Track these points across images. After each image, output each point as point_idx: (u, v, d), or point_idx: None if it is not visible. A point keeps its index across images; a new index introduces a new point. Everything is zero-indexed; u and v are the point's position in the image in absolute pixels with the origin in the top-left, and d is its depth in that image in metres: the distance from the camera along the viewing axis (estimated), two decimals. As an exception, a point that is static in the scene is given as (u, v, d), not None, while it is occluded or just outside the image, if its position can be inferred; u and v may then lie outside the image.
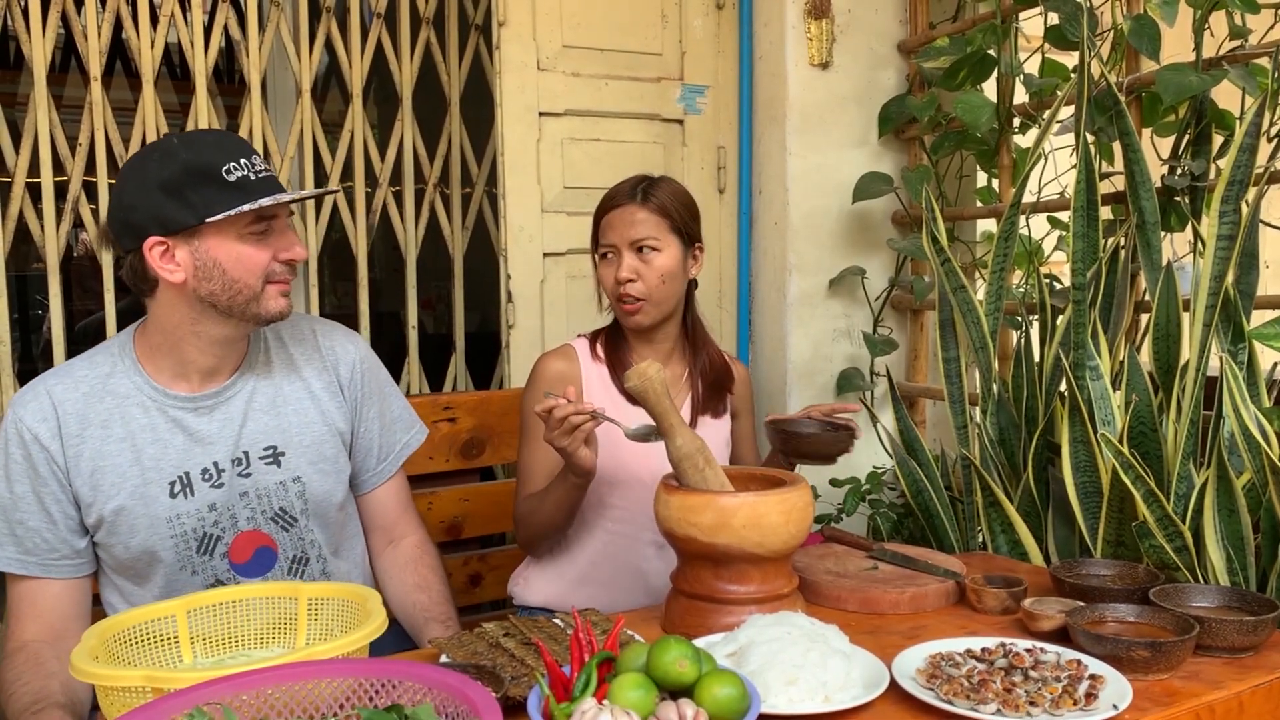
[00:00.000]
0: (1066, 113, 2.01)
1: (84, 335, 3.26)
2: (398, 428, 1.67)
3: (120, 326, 2.11)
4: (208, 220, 1.34)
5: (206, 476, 1.45)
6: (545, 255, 2.45)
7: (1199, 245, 1.83)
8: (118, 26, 2.10)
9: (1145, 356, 1.82)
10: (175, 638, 1.28)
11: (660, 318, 1.75)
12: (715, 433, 1.83)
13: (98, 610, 1.51)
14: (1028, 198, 2.14)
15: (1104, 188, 1.94)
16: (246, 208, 1.34)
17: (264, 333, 1.55)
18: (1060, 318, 1.89)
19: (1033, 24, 2.24)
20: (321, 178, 2.30)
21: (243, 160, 1.37)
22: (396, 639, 1.58)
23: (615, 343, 1.80)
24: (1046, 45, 2.15)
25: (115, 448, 1.42)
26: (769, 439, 1.76)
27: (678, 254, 1.74)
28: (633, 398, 1.49)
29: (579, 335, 1.85)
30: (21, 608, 1.41)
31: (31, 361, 4.10)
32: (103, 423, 1.42)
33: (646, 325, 1.75)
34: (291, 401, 1.53)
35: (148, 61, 2.12)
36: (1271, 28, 1.87)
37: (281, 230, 1.43)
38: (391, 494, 1.67)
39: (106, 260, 2.12)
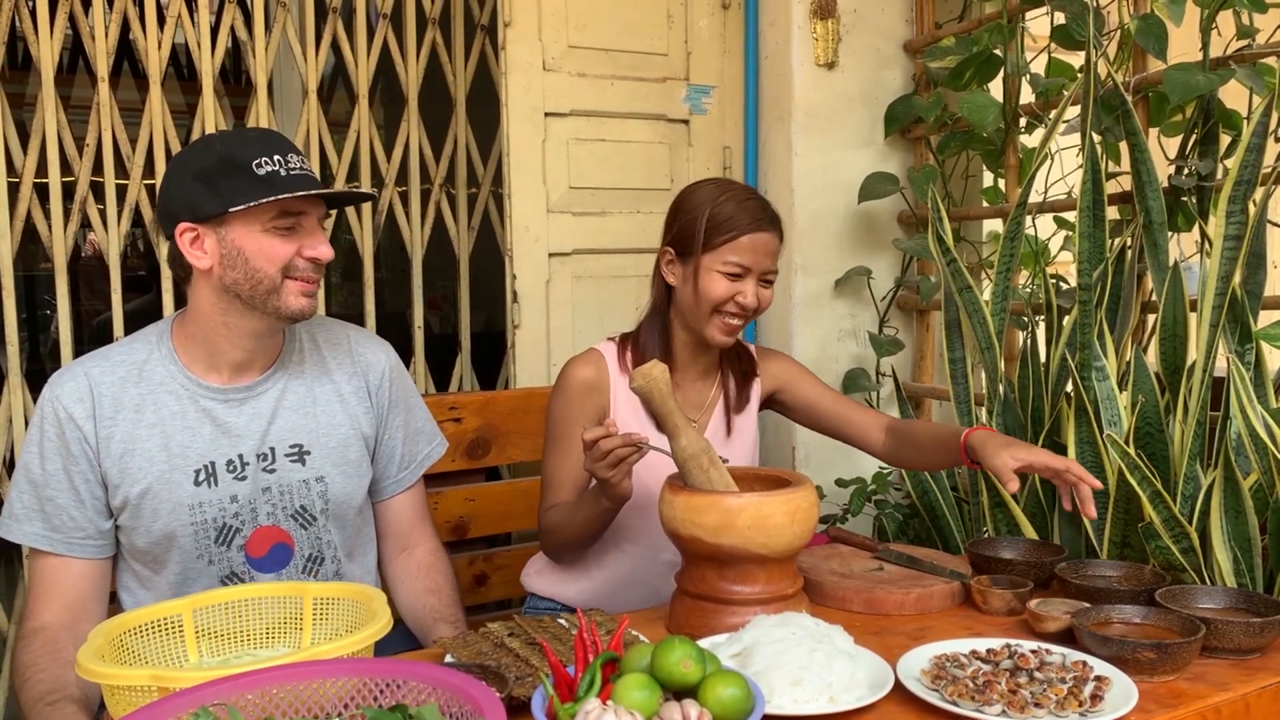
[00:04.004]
0: (1073, 112, 2.01)
1: (98, 335, 3.27)
2: (420, 439, 1.69)
3: (128, 328, 2.13)
4: (232, 209, 1.37)
5: (231, 468, 1.48)
6: (551, 255, 2.45)
7: (1206, 245, 1.83)
8: (125, 27, 2.10)
9: (1152, 357, 1.81)
10: (181, 636, 1.28)
11: None
12: (745, 424, 1.80)
13: (113, 603, 1.53)
14: (1034, 198, 2.14)
15: (1110, 188, 1.94)
16: (268, 200, 1.37)
17: (300, 333, 1.58)
18: (1066, 318, 1.88)
19: (1039, 24, 2.24)
20: (327, 178, 2.31)
21: (277, 157, 1.40)
22: (405, 644, 1.59)
23: (650, 351, 1.73)
24: (1053, 45, 2.15)
25: (146, 432, 1.45)
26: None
27: None
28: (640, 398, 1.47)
29: (608, 339, 1.79)
30: (43, 585, 1.43)
31: (40, 361, 4.12)
32: (135, 407, 1.45)
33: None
34: (321, 402, 1.56)
35: (155, 62, 2.12)
36: (1279, 27, 1.87)
37: (310, 229, 1.45)
38: (409, 503, 1.69)
39: (114, 260, 2.13)
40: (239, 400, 1.49)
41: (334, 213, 1.50)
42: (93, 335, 3.38)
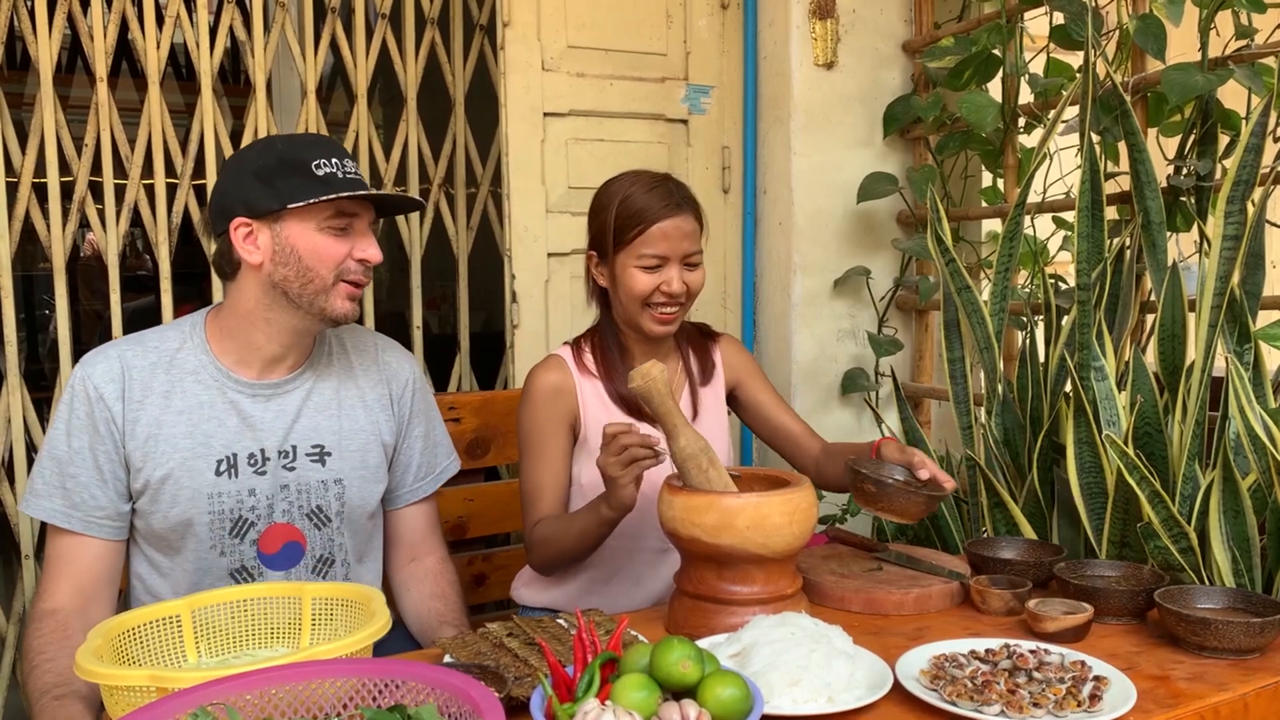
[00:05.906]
0: (1071, 112, 2.01)
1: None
2: (440, 451, 1.72)
3: (126, 329, 2.13)
4: (290, 206, 1.42)
5: (252, 461, 1.50)
6: (550, 255, 2.45)
7: (1205, 245, 1.83)
8: (123, 27, 2.10)
9: (1150, 357, 1.81)
10: (180, 637, 1.28)
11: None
12: (715, 403, 1.79)
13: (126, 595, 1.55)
14: (1033, 198, 2.14)
15: (1109, 188, 1.93)
16: (326, 199, 1.42)
17: (329, 337, 1.62)
18: (1065, 318, 1.88)
19: (1038, 24, 2.24)
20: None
21: (334, 160, 1.45)
22: (408, 650, 1.58)
23: (608, 349, 1.74)
24: (1051, 45, 2.15)
25: (173, 418, 1.47)
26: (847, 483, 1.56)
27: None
28: (627, 402, 1.46)
29: (564, 344, 1.80)
30: (58, 565, 1.45)
31: (38, 361, 4.11)
32: (165, 393, 1.48)
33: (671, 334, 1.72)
34: (346, 406, 1.59)
35: (153, 62, 2.12)
36: (1278, 27, 1.87)
37: (362, 231, 1.50)
38: (422, 514, 1.71)
39: (112, 260, 2.13)
40: (266, 396, 1.52)
41: (381, 220, 1.57)
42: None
